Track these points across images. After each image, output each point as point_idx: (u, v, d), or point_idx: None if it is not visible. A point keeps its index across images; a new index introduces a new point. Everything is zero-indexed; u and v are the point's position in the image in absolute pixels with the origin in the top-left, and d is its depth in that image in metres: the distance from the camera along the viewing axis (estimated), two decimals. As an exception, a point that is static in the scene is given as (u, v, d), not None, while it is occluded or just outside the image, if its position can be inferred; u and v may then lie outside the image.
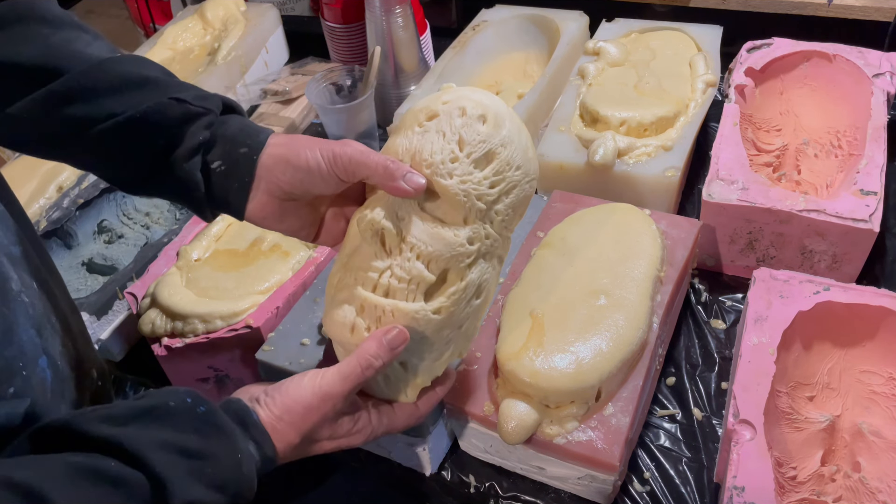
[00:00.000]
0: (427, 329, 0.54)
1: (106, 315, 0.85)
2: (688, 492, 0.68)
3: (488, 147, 0.52)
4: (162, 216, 1.02)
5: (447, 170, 0.52)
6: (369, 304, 0.54)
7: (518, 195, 0.55)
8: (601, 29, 1.07)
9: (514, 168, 0.54)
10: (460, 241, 0.53)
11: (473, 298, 0.55)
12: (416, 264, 0.53)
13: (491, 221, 0.54)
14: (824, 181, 0.86)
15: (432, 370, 0.58)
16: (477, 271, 0.55)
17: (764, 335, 0.67)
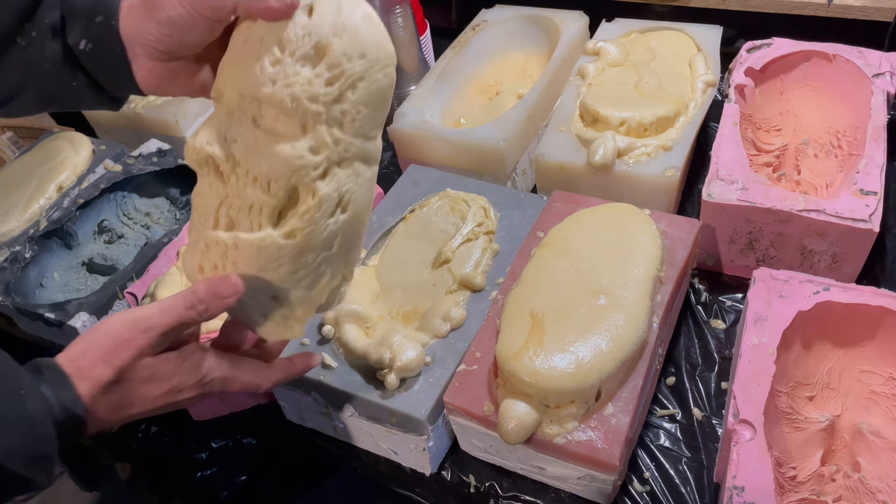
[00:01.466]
0: (283, 257, 0.49)
1: (106, 315, 0.85)
2: (688, 492, 0.68)
3: (316, 40, 0.46)
4: (162, 216, 1.02)
5: (268, 76, 0.46)
6: (211, 241, 0.50)
7: (368, 88, 0.48)
8: (601, 29, 1.07)
9: (355, 58, 0.46)
10: (298, 152, 0.47)
11: (338, 213, 0.49)
12: (252, 188, 0.48)
13: (339, 124, 0.48)
14: (824, 181, 0.86)
15: (310, 300, 0.52)
16: (332, 183, 0.48)
17: (764, 335, 0.67)
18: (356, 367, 0.71)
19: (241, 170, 0.49)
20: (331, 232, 0.49)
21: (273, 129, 0.47)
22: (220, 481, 1.29)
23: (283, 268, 0.50)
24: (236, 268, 0.50)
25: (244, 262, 0.50)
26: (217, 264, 0.50)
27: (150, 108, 1.10)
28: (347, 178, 0.49)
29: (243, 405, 0.83)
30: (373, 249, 0.83)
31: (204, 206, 0.51)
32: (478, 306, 0.74)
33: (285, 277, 0.50)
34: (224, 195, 0.50)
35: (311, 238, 0.49)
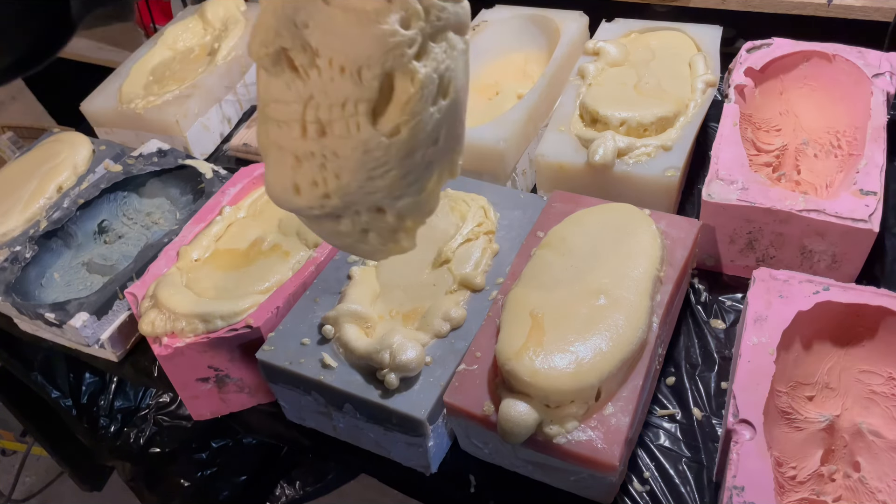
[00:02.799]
0: (391, 158, 0.42)
1: (106, 315, 0.86)
2: (687, 491, 0.68)
3: None
4: (162, 216, 1.02)
5: None
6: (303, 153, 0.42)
7: None
8: (601, 29, 1.07)
9: None
10: (390, 27, 0.39)
11: (439, 98, 0.42)
12: (341, 81, 0.40)
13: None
14: (824, 181, 0.87)
15: (420, 205, 0.46)
16: (430, 62, 0.41)
17: (763, 335, 0.68)
18: (356, 367, 0.71)
19: (323, 60, 0.40)
20: (436, 121, 0.42)
21: (352, 4, 0.39)
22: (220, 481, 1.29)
23: (392, 172, 0.42)
24: (339, 180, 0.42)
25: (348, 172, 0.42)
26: (316, 180, 0.42)
27: (150, 108, 1.10)
28: (444, 53, 0.41)
29: (243, 405, 0.83)
30: (373, 249, 0.83)
31: (284, 112, 0.42)
32: (478, 306, 0.74)
33: (394, 183, 0.43)
34: (307, 95, 0.41)
35: (418, 132, 0.41)
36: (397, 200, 0.44)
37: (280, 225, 0.87)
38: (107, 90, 1.16)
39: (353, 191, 0.42)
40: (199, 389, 0.80)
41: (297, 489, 1.47)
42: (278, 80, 0.42)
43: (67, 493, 1.71)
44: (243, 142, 1.13)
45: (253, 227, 0.88)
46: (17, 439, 1.75)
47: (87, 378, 1.22)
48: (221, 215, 0.90)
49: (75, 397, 1.21)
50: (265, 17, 0.40)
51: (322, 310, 0.76)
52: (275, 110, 0.42)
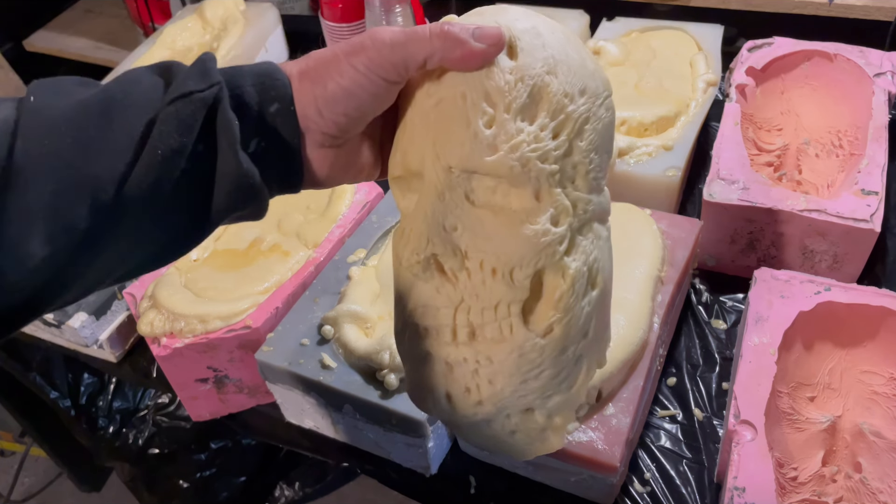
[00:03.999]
0: (545, 360, 0.40)
1: (105, 315, 0.85)
2: (688, 492, 0.68)
3: (531, 84, 0.37)
4: (161, 216, 1.01)
5: (485, 141, 0.37)
6: (455, 360, 0.41)
7: (596, 128, 0.39)
8: (602, 28, 1.07)
9: (576, 96, 0.38)
10: (541, 227, 0.38)
11: (589, 291, 0.41)
12: (493, 283, 0.39)
13: (572, 181, 0.39)
14: (825, 181, 0.86)
15: (570, 402, 0.43)
16: (580, 255, 0.40)
17: (765, 335, 0.67)
18: (356, 368, 0.70)
19: (472, 263, 0.39)
20: (587, 315, 0.41)
21: (500, 205, 0.38)
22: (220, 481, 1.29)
23: (546, 373, 0.41)
24: (493, 386, 0.41)
25: (502, 376, 0.40)
26: (469, 386, 0.41)
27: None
28: (591, 244, 0.41)
29: (243, 405, 0.83)
30: (373, 249, 0.83)
31: (433, 318, 0.41)
32: (478, 306, 0.74)
33: (547, 384, 0.41)
34: (458, 299, 0.40)
35: (570, 328, 0.40)
36: (548, 400, 0.42)
37: (279, 225, 0.87)
38: (106, 90, 1.16)
39: (507, 395, 0.41)
40: (198, 390, 0.80)
41: (296, 490, 1.47)
42: (427, 286, 0.41)
43: (66, 494, 1.71)
44: (243, 141, 1.13)
45: (252, 226, 0.88)
46: (15, 440, 1.74)
47: (85, 378, 1.22)
48: (220, 215, 0.89)
49: (74, 398, 1.20)
50: (416, 224, 0.40)
51: (321, 310, 0.75)
52: (423, 316, 0.41)
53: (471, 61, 0.37)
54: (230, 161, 0.37)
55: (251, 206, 0.40)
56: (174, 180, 0.36)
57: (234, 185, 0.38)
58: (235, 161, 0.37)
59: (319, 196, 0.90)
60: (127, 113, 0.36)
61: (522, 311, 0.40)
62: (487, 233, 0.38)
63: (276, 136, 0.39)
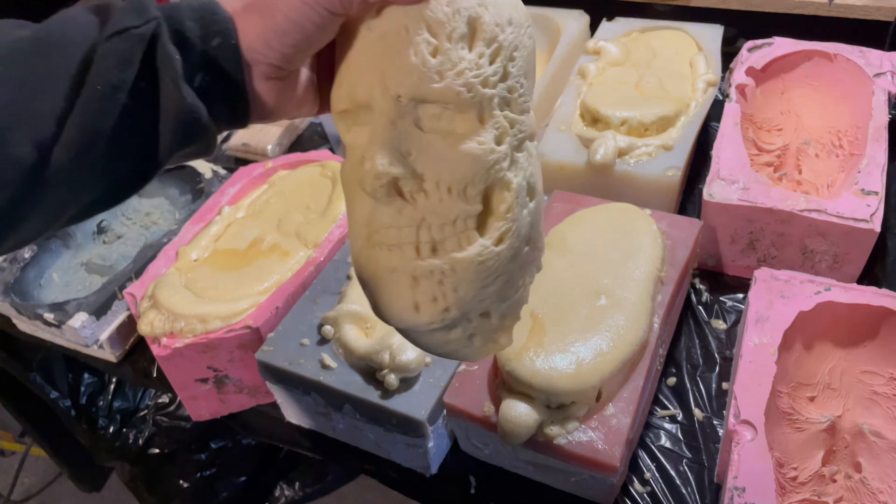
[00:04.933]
0: (500, 265, 0.44)
1: (105, 315, 0.85)
2: (688, 492, 0.68)
3: (466, 15, 0.40)
4: (161, 216, 1.01)
5: (433, 69, 0.40)
6: (422, 272, 0.44)
7: (523, 55, 0.44)
8: (602, 28, 1.07)
9: (505, 26, 0.43)
10: (488, 146, 0.42)
11: (528, 202, 0.45)
12: (450, 200, 0.42)
13: (508, 104, 0.44)
14: (825, 181, 0.86)
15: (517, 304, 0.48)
16: (520, 170, 0.44)
17: (765, 335, 0.67)
18: (356, 368, 0.70)
19: (429, 184, 0.42)
20: (528, 223, 0.45)
21: (447, 129, 0.41)
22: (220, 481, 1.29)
23: (501, 278, 0.45)
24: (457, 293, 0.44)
25: (465, 283, 0.44)
26: (436, 296, 0.44)
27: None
28: (527, 160, 0.45)
29: (243, 405, 0.83)
30: (373, 249, 0.83)
31: (396, 237, 0.44)
32: (478, 306, 0.74)
33: (502, 288, 0.45)
34: (419, 218, 0.43)
35: (517, 236, 0.44)
36: (502, 303, 0.46)
37: (279, 225, 0.87)
38: (106, 90, 1.16)
39: (470, 300, 0.44)
40: (198, 390, 0.80)
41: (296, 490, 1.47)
42: (389, 208, 0.43)
43: (66, 494, 1.71)
44: (242, 142, 1.13)
45: (252, 227, 0.88)
46: (15, 440, 1.74)
47: (85, 378, 1.22)
48: (220, 215, 0.89)
49: (74, 398, 1.21)
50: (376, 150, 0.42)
51: (321, 310, 0.75)
52: (386, 236, 0.44)
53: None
54: (173, 96, 0.38)
55: (198, 141, 0.41)
56: (117, 116, 0.37)
57: (178, 119, 0.39)
58: (178, 95, 0.38)
59: (319, 196, 0.90)
60: (64, 50, 0.37)
61: (477, 224, 0.43)
62: (439, 156, 0.42)
63: (219, 70, 0.40)
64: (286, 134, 1.15)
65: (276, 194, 0.92)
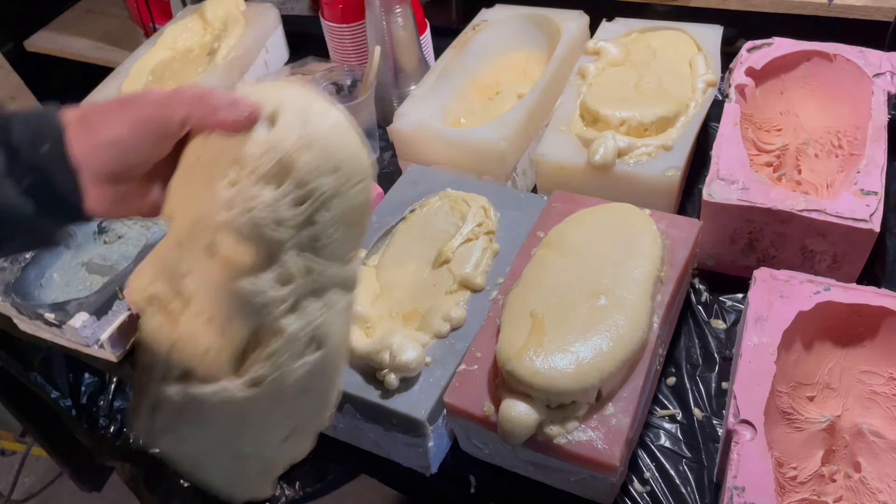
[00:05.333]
0: (245, 408, 0.42)
1: (106, 315, 0.85)
2: (688, 492, 0.68)
3: (279, 155, 0.40)
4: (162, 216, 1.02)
5: (224, 200, 0.40)
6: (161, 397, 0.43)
7: (342, 207, 0.42)
8: (601, 29, 1.07)
9: (327, 173, 0.41)
10: (260, 287, 0.40)
11: (308, 353, 0.43)
12: (206, 330, 0.41)
13: (312, 249, 0.42)
14: (825, 181, 0.86)
15: (284, 453, 0.47)
16: (302, 318, 0.42)
17: (764, 335, 0.67)
18: (356, 368, 0.70)
19: (194, 308, 0.41)
20: (303, 375, 0.43)
21: (230, 259, 0.40)
22: (219, 481, 1.29)
23: (247, 421, 0.43)
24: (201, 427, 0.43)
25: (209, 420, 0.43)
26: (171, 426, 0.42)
27: (149, 107, 1.09)
28: (320, 309, 0.43)
29: (243, 405, 0.83)
30: (373, 249, 0.83)
31: (150, 353, 0.42)
32: (478, 306, 0.74)
33: (252, 431, 0.43)
34: (175, 339, 0.42)
35: (280, 385, 0.42)
36: (258, 447, 0.45)
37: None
38: (107, 90, 1.16)
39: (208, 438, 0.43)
40: (199, 390, 0.80)
41: (296, 489, 1.47)
42: (150, 321, 0.43)
43: (67, 494, 1.71)
44: (243, 142, 1.13)
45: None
46: (16, 440, 1.74)
47: (86, 378, 1.22)
48: (221, 215, 0.90)
49: (75, 397, 1.21)
50: (148, 265, 0.44)
51: (322, 310, 0.76)
52: (143, 349, 0.44)
53: (225, 128, 0.41)
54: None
55: (29, 236, 0.45)
56: None
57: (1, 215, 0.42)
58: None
59: (320, 196, 0.90)
60: None
61: (237, 360, 0.42)
62: (214, 285, 0.41)
63: (48, 173, 0.43)
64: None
65: (277, 194, 0.92)
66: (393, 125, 0.97)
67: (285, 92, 0.42)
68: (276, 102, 0.41)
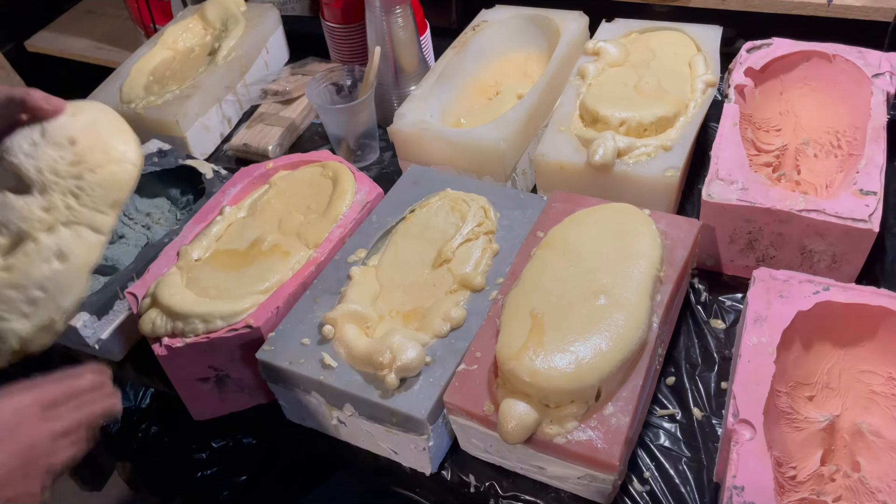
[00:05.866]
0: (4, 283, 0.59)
1: (107, 315, 0.86)
2: (687, 491, 0.68)
3: (70, 134, 0.60)
4: (163, 216, 1.02)
5: (23, 151, 0.59)
6: None
7: (106, 175, 0.61)
8: (601, 29, 1.07)
9: (98, 152, 0.61)
10: (30, 207, 0.59)
11: (53, 261, 0.60)
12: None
13: (75, 196, 0.60)
14: (824, 181, 0.87)
15: (20, 333, 0.61)
16: (53, 237, 0.60)
17: (764, 335, 0.68)
18: (356, 367, 0.71)
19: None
20: (46, 275, 0.60)
21: (15, 188, 0.60)
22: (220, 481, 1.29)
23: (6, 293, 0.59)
24: None
25: None
26: None
27: (150, 108, 1.10)
28: (71, 236, 0.60)
29: (243, 405, 0.83)
30: (373, 249, 0.83)
31: None
32: (478, 306, 0.74)
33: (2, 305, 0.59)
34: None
35: (26, 274, 0.59)
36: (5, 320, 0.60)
37: (280, 225, 0.87)
38: (107, 90, 1.16)
39: None
40: (200, 389, 0.80)
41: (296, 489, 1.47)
42: None
43: (67, 493, 1.71)
44: (243, 142, 1.13)
45: (253, 227, 0.88)
46: (17, 439, 1.74)
47: (87, 378, 1.22)
48: (222, 215, 0.90)
49: (75, 397, 1.20)
50: None
51: (322, 310, 0.76)
52: None
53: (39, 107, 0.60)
54: None
55: None
56: None
57: None
58: None
59: (320, 196, 0.90)
60: None
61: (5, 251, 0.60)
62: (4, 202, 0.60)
63: None
64: (287, 134, 1.15)
65: (277, 194, 0.92)
66: (393, 125, 0.97)
67: (92, 104, 0.64)
68: (82, 107, 0.62)
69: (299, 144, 1.17)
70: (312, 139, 1.18)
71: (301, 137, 1.19)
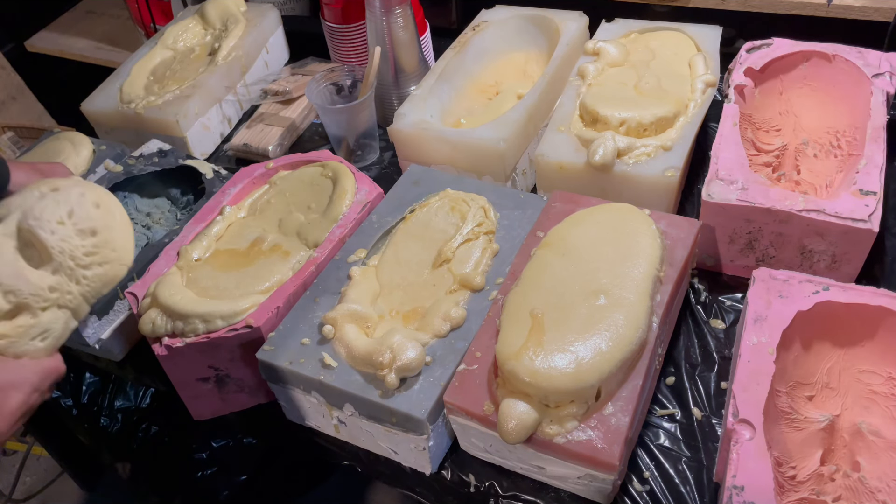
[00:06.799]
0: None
1: (107, 315, 0.86)
2: (687, 491, 0.68)
3: (94, 225, 0.63)
4: (163, 216, 1.02)
5: (51, 227, 0.61)
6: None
7: (106, 270, 0.65)
8: (601, 29, 1.07)
9: (110, 249, 0.64)
10: (42, 284, 0.61)
11: (37, 339, 0.61)
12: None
13: (77, 282, 0.63)
14: (824, 181, 0.87)
15: None
16: (48, 316, 0.62)
17: (763, 335, 0.68)
18: (356, 367, 0.71)
19: None
20: (25, 350, 0.61)
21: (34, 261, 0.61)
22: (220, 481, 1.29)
23: None
24: None
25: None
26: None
27: (150, 108, 1.10)
28: (58, 319, 0.62)
29: (244, 405, 0.83)
30: (373, 249, 0.83)
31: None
32: (478, 306, 0.75)
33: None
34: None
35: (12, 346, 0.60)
36: None
37: (280, 225, 0.88)
38: (107, 90, 1.16)
39: None
40: (200, 389, 0.80)
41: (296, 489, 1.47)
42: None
43: (68, 493, 1.71)
44: (243, 142, 1.13)
45: (253, 226, 0.88)
46: (17, 439, 1.75)
47: (87, 378, 1.22)
48: (222, 215, 0.90)
49: (76, 397, 1.21)
50: None
51: (322, 310, 0.76)
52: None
53: None
54: None
55: None
56: None
57: None
58: None
59: (320, 196, 0.90)
60: None
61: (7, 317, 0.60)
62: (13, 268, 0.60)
63: None
64: (287, 134, 1.15)
65: (277, 194, 0.92)
66: (393, 125, 0.97)
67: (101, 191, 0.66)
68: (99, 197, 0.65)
69: (299, 144, 1.17)
70: (312, 139, 1.19)
71: (301, 137, 1.19)
